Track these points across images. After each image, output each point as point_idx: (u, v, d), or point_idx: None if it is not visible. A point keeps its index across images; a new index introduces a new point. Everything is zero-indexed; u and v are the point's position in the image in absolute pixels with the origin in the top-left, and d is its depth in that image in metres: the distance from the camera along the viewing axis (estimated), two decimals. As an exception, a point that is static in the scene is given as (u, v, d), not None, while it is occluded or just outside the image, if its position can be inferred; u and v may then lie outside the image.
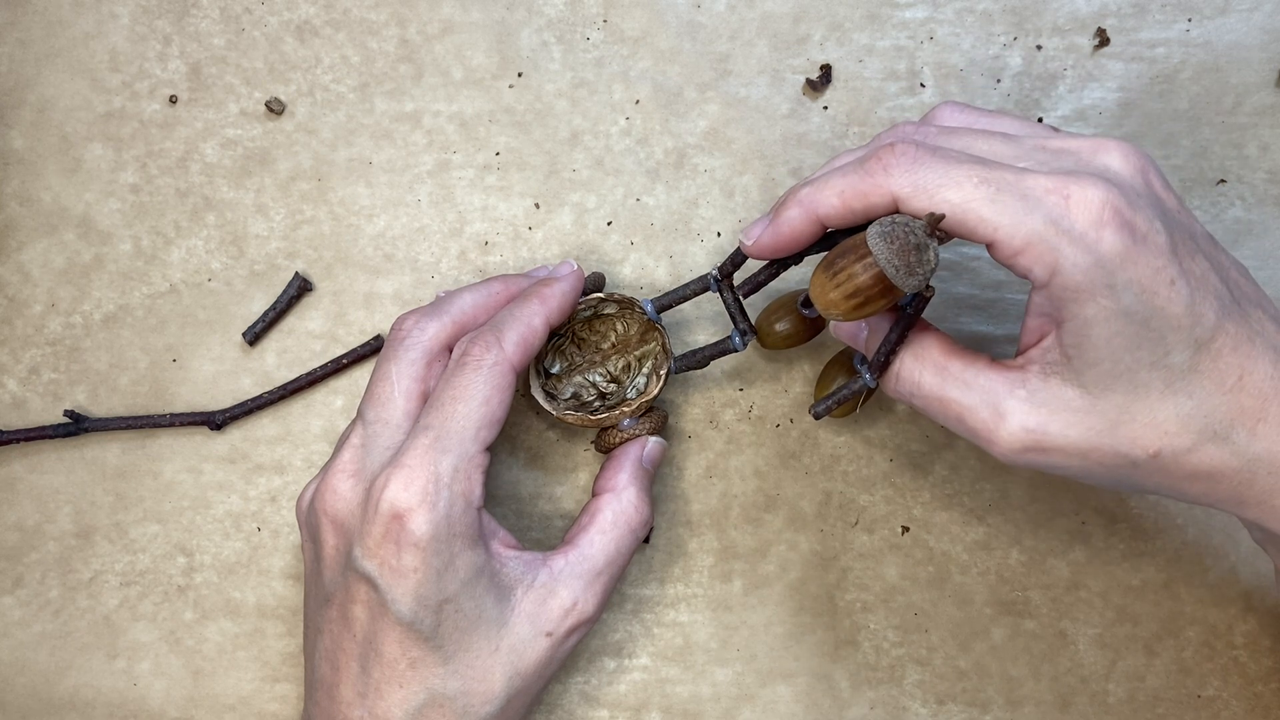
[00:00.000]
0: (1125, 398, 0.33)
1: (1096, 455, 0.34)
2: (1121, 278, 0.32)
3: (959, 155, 0.33)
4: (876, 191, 0.34)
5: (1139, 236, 0.32)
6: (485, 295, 0.41)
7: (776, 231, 0.36)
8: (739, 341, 0.41)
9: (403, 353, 0.39)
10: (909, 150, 0.34)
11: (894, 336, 0.37)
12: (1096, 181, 0.32)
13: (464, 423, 0.37)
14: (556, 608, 0.38)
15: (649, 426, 0.42)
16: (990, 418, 0.35)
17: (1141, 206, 0.33)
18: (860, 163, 0.34)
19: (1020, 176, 0.33)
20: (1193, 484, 0.35)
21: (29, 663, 0.45)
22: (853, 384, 0.38)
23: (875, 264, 0.34)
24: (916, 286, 0.34)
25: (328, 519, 0.38)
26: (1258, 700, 0.45)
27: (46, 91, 0.46)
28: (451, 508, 0.36)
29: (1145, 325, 0.32)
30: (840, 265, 0.35)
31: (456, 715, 0.37)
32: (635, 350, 0.43)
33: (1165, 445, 0.34)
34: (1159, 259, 0.32)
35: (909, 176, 0.33)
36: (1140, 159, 0.34)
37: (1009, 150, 0.34)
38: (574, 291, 0.41)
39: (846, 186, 0.34)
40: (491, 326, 0.39)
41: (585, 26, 0.46)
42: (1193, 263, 0.33)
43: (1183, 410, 0.33)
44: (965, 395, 0.35)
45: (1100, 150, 0.34)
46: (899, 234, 0.33)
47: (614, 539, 0.40)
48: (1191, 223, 0.35)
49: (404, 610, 0.36)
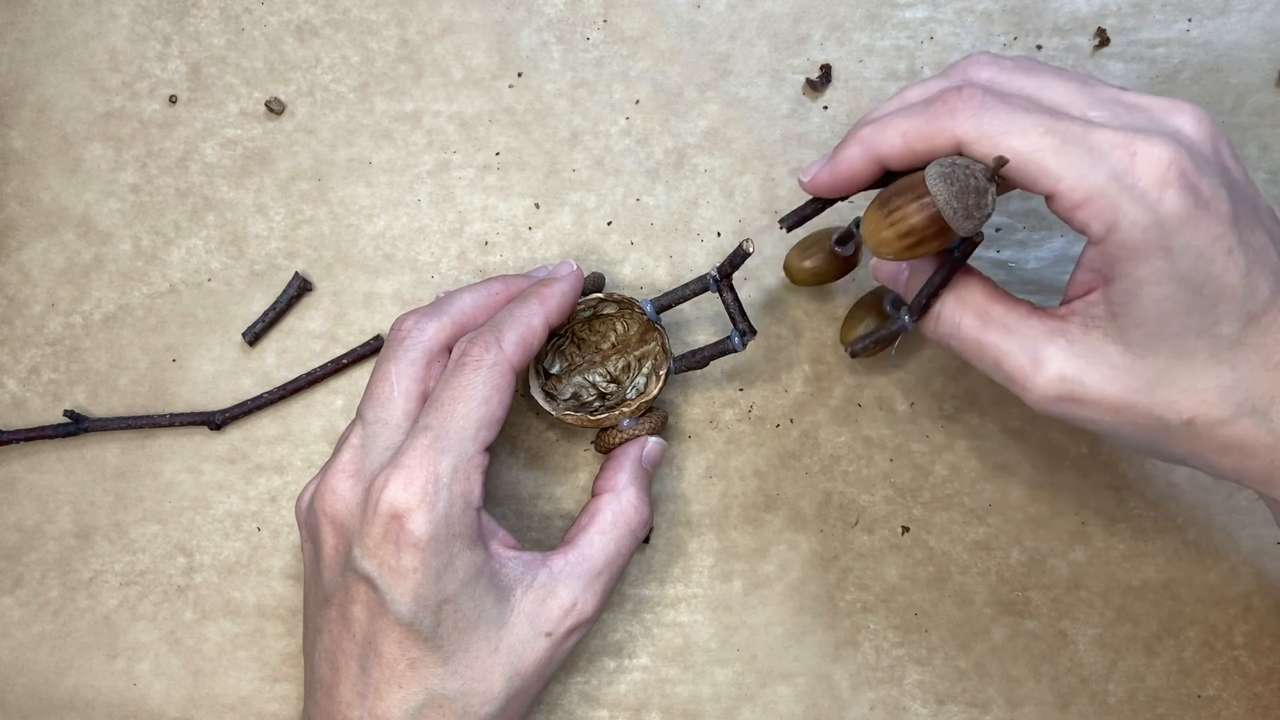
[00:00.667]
0: (1168, 361, 0.33)
1: (1130, 413, 0.34)
2: (1179, 241, 0.31)
3: (1027, 103, 0.33)
4: (941, 135, 0.33)
5: (1202, 201, 0.31)
6: (485, 295, 0.41)
7: (835, 169, 0.36)
8: (738, 342, 0.41)
9: (402, 353, 0.39)
10: (976, 94, 0.33)
11: (938, 279, 0.36)
12: (1166, 141, 0.32)
13: (463, 423, 0.37)
14: (556, 608, 0.38)
15: (649, 427, 0.42)
16: (1028, 363, 0.34)
17: (1208, 171, 0.32)
18: (926, 104, 0.34)
19: (1088, 130, 0.32)
20: (1224, 457, 0.34)
21: (29, 663, 0.45)
22: (891, 325, 0.37)
23: (933, 204, 0.33)
24: (972, 230, 0.33)
25: (327, 519, 0.38)
26: (1258, 700, 0.45)
27: (46, 91, 0.46)
28: (451, 508, 0.36)
29: (1198, 292, 0.32)
30: (896, 204, 0.34)
31: (456, 715, 0.37)
32: (635, 350, 0.43)
33: (1201, 414, 0.33)
34: (1219, 226, 0.32)
35: (974, 121, 0.33)
36: (1212, 125, 0.34)
37: (1081, 99, 0.34)
38: (574, 292, 0.41)
39: (910, 128, 0.34)
40: (491, 327, 0.39)
41: (585, 26, 0.46)
42: (1253, 235, 0.33)
43: (1224, 381, 0.33)
44: (1004, 340, 0.35)
45: (1173, 111, 0.33)
46: (959, 176, 0.33)
47: (614, 539, 0.40)
48: (1256, 196, 0.34)
49: (403, 610, 0.36)
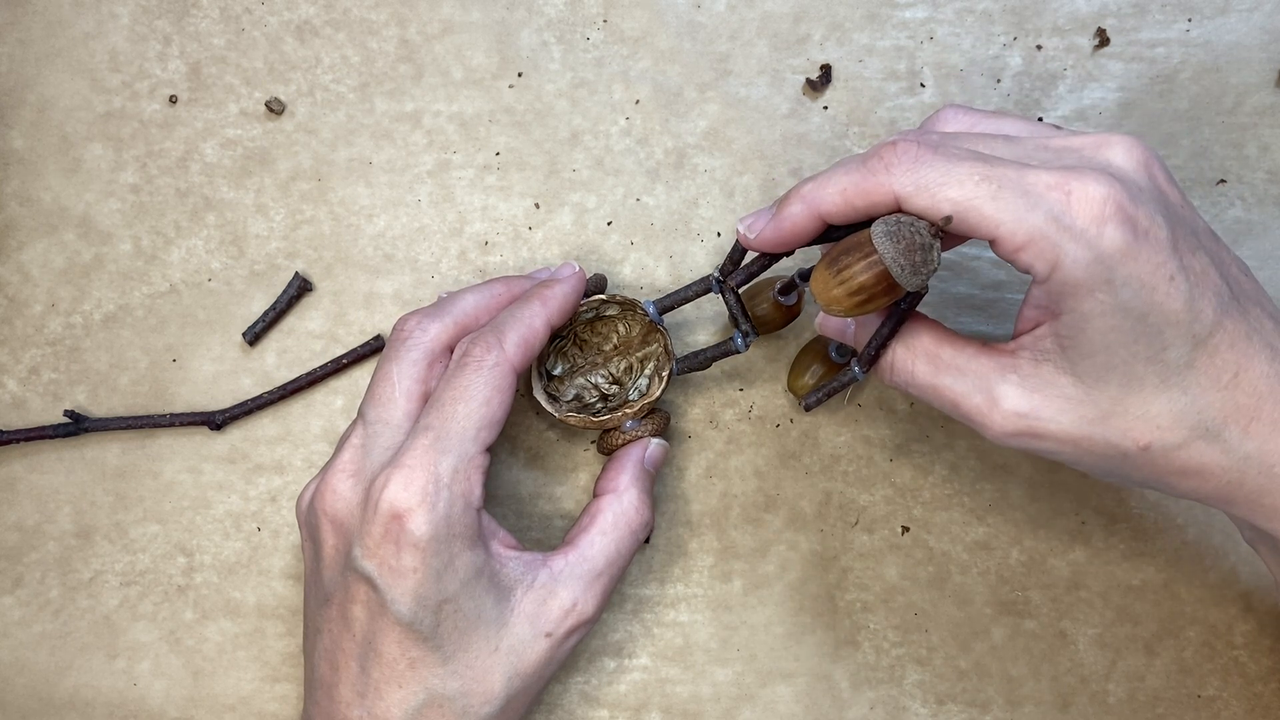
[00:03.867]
0: (1119, 390, 0.33)
1: (1088, 443, 0.34)
2: (1121, 273, 0.32)
3: (961, 153, 0.33)
4: (879, 190, 0.34)
5: (1140, 232, 0.32)
6: (487, 296, 0.41)
7: (779, 226, 0.36)
8: (741, 343, 0.41)
9: (404, 353, 0.39)
10: (910, 148, 0.34)
11: (885, 331, 0.37)
12: (1099, 177, 0.32)
13: (464, 423, 0.37)
14: (556, 608, 0.38)
15: (651, 428, 0.42)
16: (984, 402, 0.35)
17: (1144, 201, 0.32)
18: (863, 160, 0.34)
19: (1022, 173, 0.33)
20: (1182, 480, 0.35)
21: (29, 663, 0.45)
22: (843, 377, 0.38)
23: (880, 262, 0.34)
24: (919, 285, 0.34)
25: (327, 519, 0.38)
26: (1258, 700, 0.45)
27: (46, 91, 0.46)
28: (451, 508, 0.36)
29: (1143, 320, 0.32)
30: (845, 263, 0.34)
31: (456, 715, 0.37)
32: (637, 352, 0.43)
33: (1156, 439, 0.34)
34: (1159, 254, 0.32)
35: (910, 175, 0.33)
36: (1144, 153, 0.34)
37: (1011, 150, 0.34)
38: (575, 293, 0.41)
39: (849, 184, 0.34)
40: (493, 327, 0.39)
41: (585, 26, 0.46)
42: (1193, 258, 0.33)
43: (1176, 406, 0.33)
44: (958, 382, 0.35)
45: (1104, 146, 0.34)
46: (904, 233, 0.33)
47: (614, 540, 0.40)
48: (1194, 217, 0.35)
49: (403, 610, 0.36)
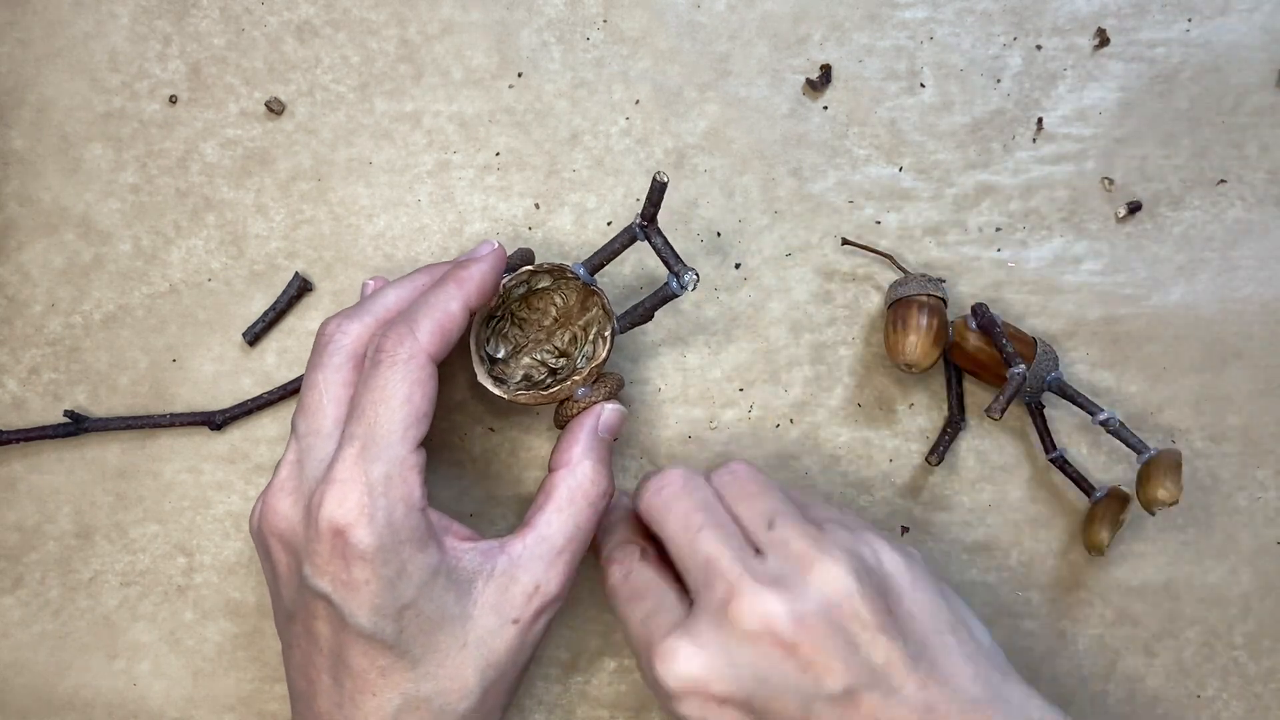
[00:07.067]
0: None
1: None
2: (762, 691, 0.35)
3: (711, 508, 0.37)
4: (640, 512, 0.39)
5: None
6: (410, 289, 0.40)
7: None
8: (676, 285, 0.40)
9: (327, 359, 0.38)
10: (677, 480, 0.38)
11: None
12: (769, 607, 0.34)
13: (389, 426, 0.36)
14: (519, 593, 0.37)
15: (604, 392, 0.41)
16: None
17: None
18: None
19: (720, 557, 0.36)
20: None
21: (29, 663, 0.45)
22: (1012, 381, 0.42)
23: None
24: None
25: (275, 538, 0.37)
26: (1258, 700, 0.45)
27: (46, 91, 0.46)
28: (392, 515, 0.35)
29: None
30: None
31: (434, 714, 0.37)
32: (578, 320, 0.42)
33: None
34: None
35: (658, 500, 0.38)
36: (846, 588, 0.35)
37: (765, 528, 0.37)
38: (493, 271, 0.39)
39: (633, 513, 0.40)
40: (404, 318, 0.37)
41: (585, 26, 0.46)
42: None
43: None
44: None
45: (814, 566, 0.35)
46: None
47: (571, 515, 0.39)
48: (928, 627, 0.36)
49: (363, 622, 0.36)
